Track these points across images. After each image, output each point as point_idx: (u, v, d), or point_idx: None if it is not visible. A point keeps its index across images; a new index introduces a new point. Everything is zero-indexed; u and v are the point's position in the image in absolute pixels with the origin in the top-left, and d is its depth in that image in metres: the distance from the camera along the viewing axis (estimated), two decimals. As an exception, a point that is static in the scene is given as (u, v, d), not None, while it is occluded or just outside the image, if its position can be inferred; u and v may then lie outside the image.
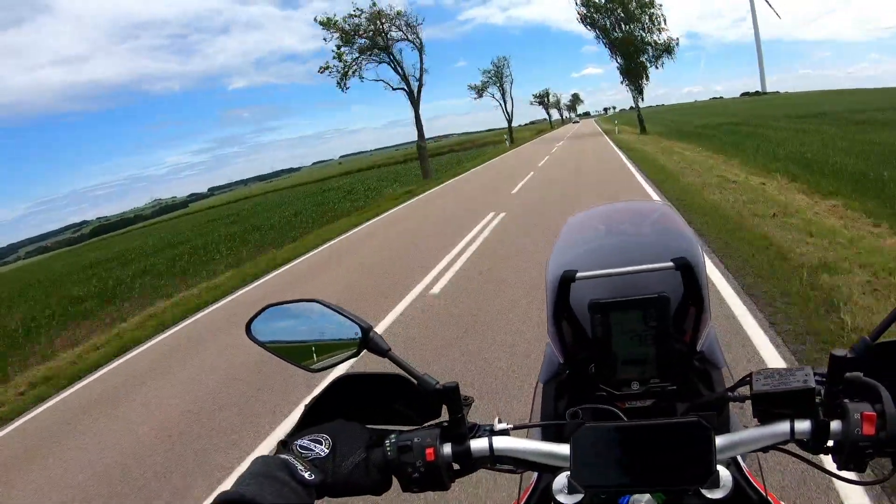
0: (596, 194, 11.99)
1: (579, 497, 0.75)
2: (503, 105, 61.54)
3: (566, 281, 0.94)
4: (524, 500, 0.95)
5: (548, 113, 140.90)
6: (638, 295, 0.89)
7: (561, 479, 0.78)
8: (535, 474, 0.95)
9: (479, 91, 62.20)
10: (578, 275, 0.93)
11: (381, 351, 0.82)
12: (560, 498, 0.76)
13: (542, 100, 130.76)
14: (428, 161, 31.41)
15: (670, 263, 0.91)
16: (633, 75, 39.67)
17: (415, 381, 0.81)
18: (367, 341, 0.82)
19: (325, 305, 0.86)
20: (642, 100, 42.05)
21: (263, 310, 0.90)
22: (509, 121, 62.70)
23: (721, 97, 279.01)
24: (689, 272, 0.92)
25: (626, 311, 0.90)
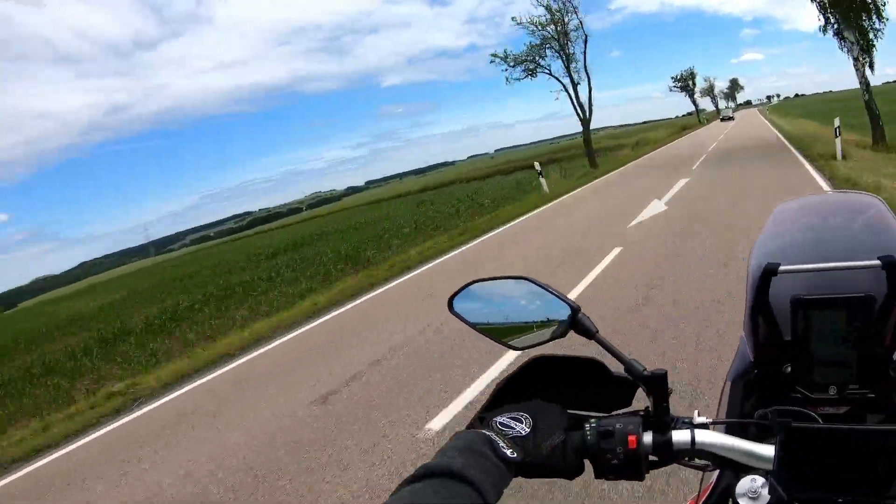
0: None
1: (764, 502, 0.72)
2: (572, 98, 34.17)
3: (768, 273, 0.87)
4: (703, 498, 0.92)
5: (694, 103, 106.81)
6: (843, 293, 0.84)
7: (745, 483, 0.74)
8: (716, 474, 0.92)
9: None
10: (781, 268, 0.87)
11: (589, 333, 0.80)
12: (742, 502, 0.73)
13: (686, 84, 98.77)
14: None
15: (877, 262, 0.82)
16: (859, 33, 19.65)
17: (616, 367, 0.79)
18: (576, 322, 0.80)
19: (533, 283, 0.84)
20: (871, 72, 20.83)
21: (467, 285, 0.90)
22: (584, 121, 34.37)
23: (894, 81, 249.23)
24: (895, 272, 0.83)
25: (829, 310, 0.84)
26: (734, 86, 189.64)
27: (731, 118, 76.95)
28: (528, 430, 0.73)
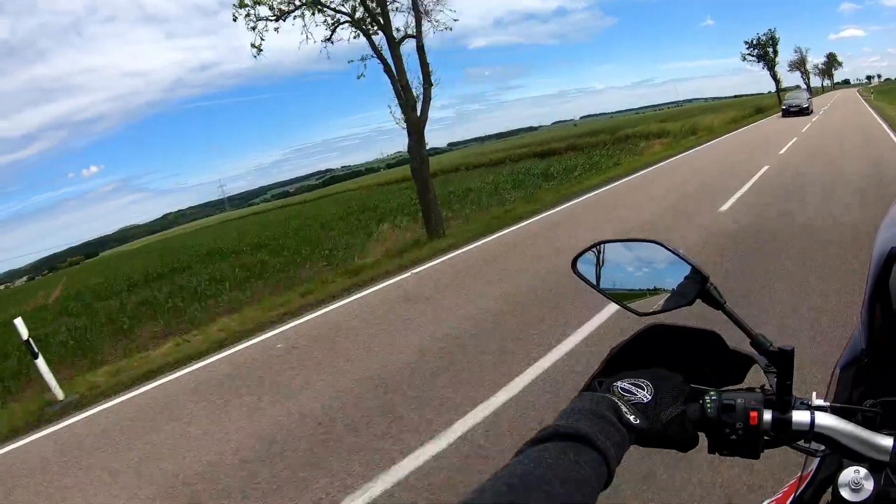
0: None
1: (866, 495, 0.70)
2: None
3: (892, 259, 0.83)
4: (804, 485, 0.89)
5: (774, 78, 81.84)
6: None
7: (849, 473, 0.71)
8: (816, 462, 0.88)
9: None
10: None
11: (717, 303, 0.78)
12: (844, 492, 0.71)
13: (765, 52, 77.02)
14: None
15: None
16: None
17: (734, 341, 0.78)
18: (704, 292, 0.78)
19: (664, 247, 0.82)
20: None
21: (594, 245, 0.88)
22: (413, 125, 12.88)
23: None
24: None
25: None
26: (831, 61, 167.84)
27: (803, 109, 38.98)
28: (650, 396, 0.71)
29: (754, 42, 67.05)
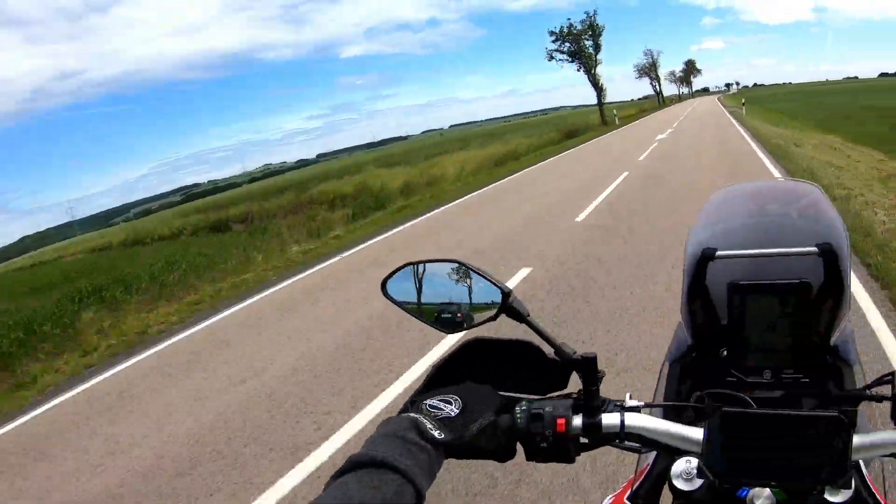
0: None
1: (698, 484, 0.74)
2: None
3: (705, 259, 0.91)
4: (640, 481, 0.93)
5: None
6: (778, 279, 0.87)
7: (680, 465, 0.76)
8: (652, 456, 0.93)
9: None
10: (718, 253, 0.91)
11: (520, 316, 0.80)
12: (678, 483, 0.75)
13: (577, 48, 66.97)
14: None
15: (814, 249, 0.87)
16: None
17: (550, 350, 0.79)
18: (507, 305, 0.80)
19: (465, 266, 0.85)
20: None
21: (401, 268, 0.88)
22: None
23: (857, 77, 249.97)
24: (832, 260, 0.88)
25: (764, 296, 0.87)
26: (690, 68, 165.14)
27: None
28: (457, 411, 0.73)
29: (563, 32, 45.31)
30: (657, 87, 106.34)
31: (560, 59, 44.97)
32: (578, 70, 45.68)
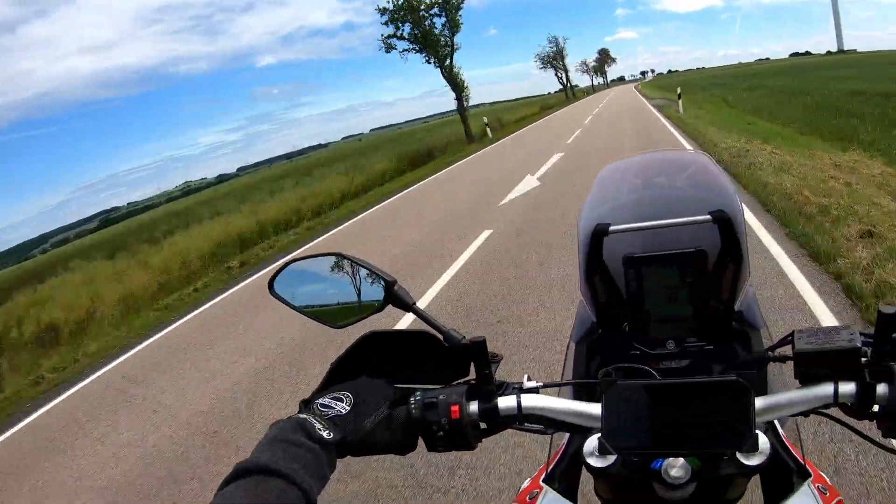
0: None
1: (612, 460, 0.72)
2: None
3: (599, 234, 0.91)
4: (554, 462, 0.92)
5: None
6: (674, 249, 0.87)
7: (592, 441, 0.74)
8: (566, 436, 0.93)
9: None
10: (612, 228, 0.90)
11: (406, 305, 0.80)
12: (591, 461, 0.73)
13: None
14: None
15: (707, 217, 0.87)
16: None
17: (440, 337, 0.79)
18: (391, 295, 0.80)
19: (347, 259, 0.84)
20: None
21: (285, 266, 0.87)
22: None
23: (768, 58, 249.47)
24: (727, 226, 0.87)
25: (661, 267, 0.87)
26: (604, 57, 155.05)
27: None
28: (348, 408, 0.72)
29: (397, 8, 38.67)
30: (564, 78, 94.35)
31: (404, 50, 30.19)
32: (428, 62, 29.88)
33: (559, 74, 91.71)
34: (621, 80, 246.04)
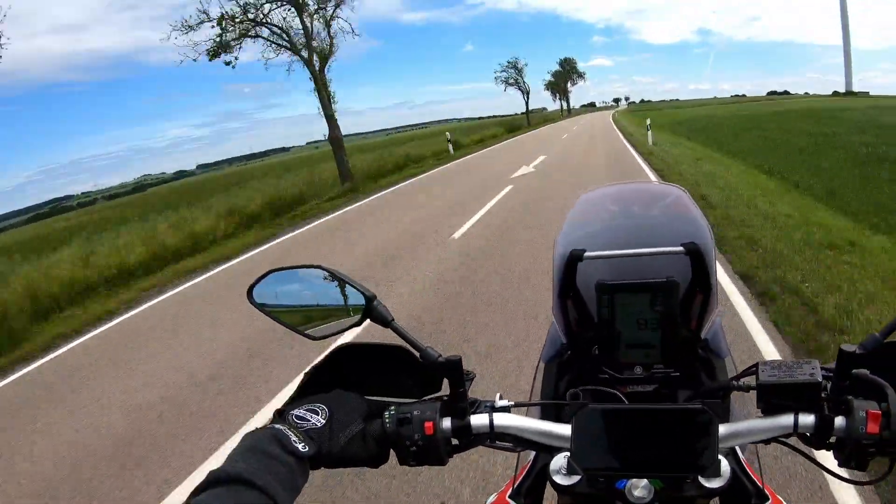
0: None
1: (577, 479, 0.74)
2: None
3: (573, 260, 0.93)
4: (520, 478, 0.94)
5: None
6: (646, 278, 0.88)
7: (559, 460, 0.76)
8: (533, 454, 0.94)
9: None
10: (586, 254, 0.92)
11: (384, 321, 0.80)
12: (557, 479, 0.75)
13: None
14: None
15: (680, 248, 0.90)
16: None
17: (417, 354, 0.79)
18: (371, 310, 0.80)
19: (328, 272, 0.84)
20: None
21: (266, 275, 0.88)
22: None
23: (744, 95, 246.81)
24: (698, 258, 0.91)
25: (633, 294, 0.88)
26: (567, 70, 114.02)
27: None
28: (323, 421, 0.72)
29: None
30: (525, 101, 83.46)
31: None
32: (289, 70, 19.27)
33: (525, 96, 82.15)
34: (592, 105, 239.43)
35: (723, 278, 5.31)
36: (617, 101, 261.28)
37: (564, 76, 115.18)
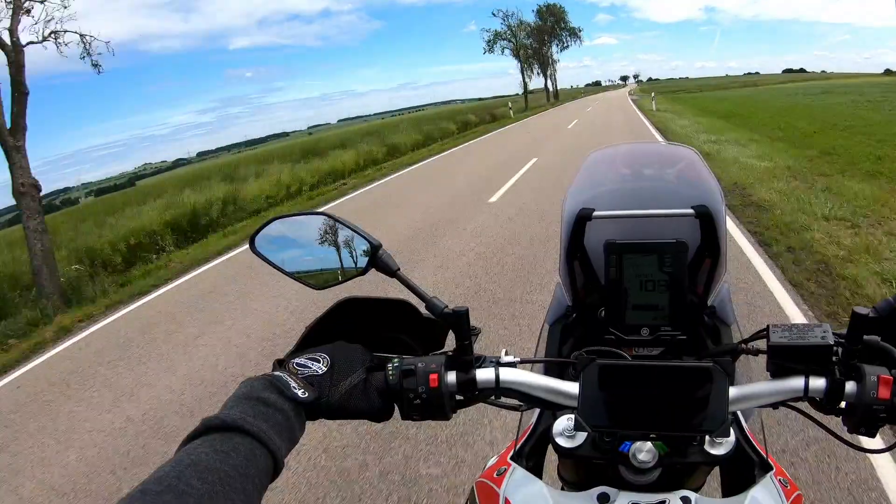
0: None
1: (580, 441, 0.74)
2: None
3: (582, 219, 0.91)
4: (523, 440, 0.93)
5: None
6: (655, 239, 0.87)
7: (561, 422, 0.76)
8: (535, 416, 0.94)
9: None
10: (595, 214, 0.91)
11: (390, 271, 0.78)
12: (559, 441, 0.75)
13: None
14: None
15: (690, 210, 0.88)
16: None
17: (422, 305, 0.78)
18: (376, 259, 0.78)
19: (334, 219, 0.81)
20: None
21: (269, 222, 0.85)
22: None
23: (757, 72, 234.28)
24: (708, 222, 0.89)
25: (641, 255, 0.87)
26: (552, 24, 72.34)
27: None
28: (325, 368, 0.71)
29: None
30: (521, 77, 66.75)
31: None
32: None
33: (525, 73, 67.60)
34: (597, 84, 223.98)
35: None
36: (624, 79, 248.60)
37: (542, 35, 72.36)
